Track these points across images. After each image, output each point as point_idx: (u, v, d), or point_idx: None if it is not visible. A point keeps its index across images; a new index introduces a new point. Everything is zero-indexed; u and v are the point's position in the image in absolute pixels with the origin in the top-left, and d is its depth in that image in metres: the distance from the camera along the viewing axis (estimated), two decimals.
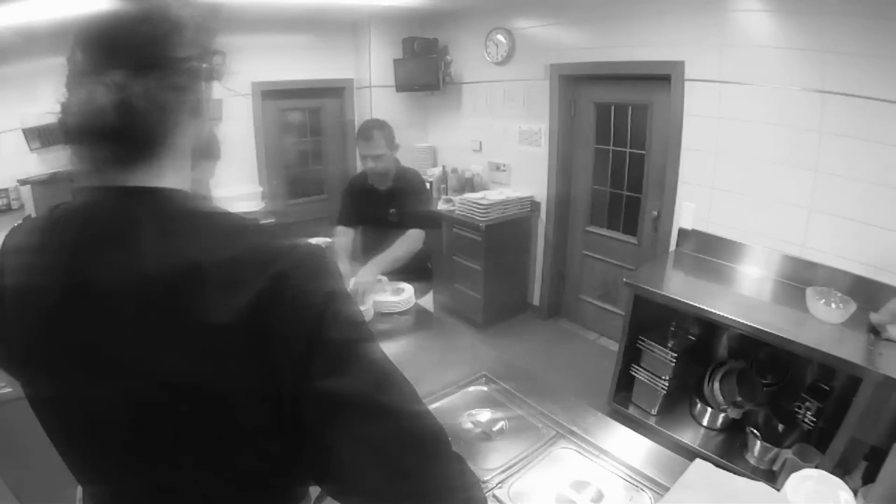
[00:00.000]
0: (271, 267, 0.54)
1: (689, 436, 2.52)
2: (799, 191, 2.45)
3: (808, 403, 2.28)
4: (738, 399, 2.42)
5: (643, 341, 2.65)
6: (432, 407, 1.49)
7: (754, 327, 2.11)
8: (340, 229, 2.49)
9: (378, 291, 2.14)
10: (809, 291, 2.20)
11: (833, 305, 2.13)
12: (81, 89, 0.56)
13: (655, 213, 3.21)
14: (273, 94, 4.26)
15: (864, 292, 2.21)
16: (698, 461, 1.19)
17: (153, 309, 0.54)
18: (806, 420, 2.27)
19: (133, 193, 0.59)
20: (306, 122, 4.66)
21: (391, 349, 1.99)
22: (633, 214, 3.47)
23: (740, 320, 2.15)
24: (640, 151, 3.32)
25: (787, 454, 2.14)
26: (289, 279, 0.55)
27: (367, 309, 2.00)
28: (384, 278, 2.19)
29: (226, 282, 0.53)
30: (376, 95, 4.52)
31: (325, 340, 0.54)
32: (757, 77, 2.51)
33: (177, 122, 0.61)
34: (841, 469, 2.00)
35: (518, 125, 3.95)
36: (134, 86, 0.55)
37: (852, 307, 2.10)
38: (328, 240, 2.40)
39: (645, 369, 2.66)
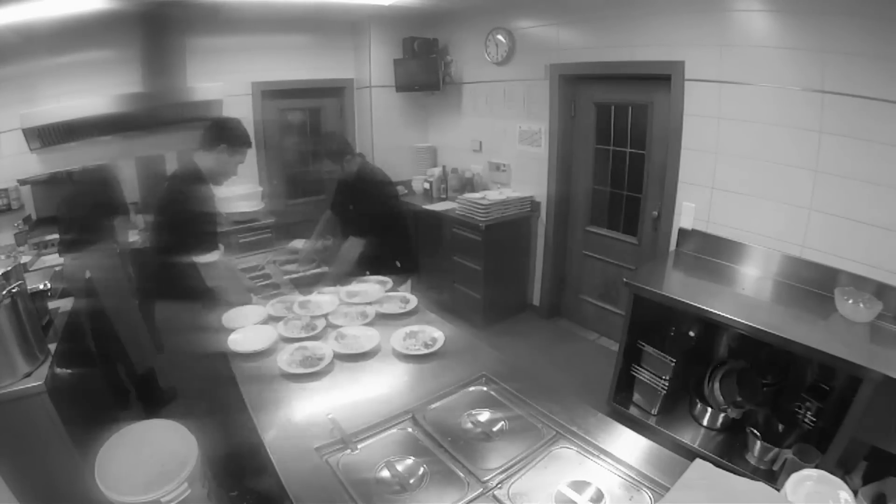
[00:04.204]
0: None
1: (689, 436, 2.52)
2: (799, 191, 2.44)
3: (808, 403, 2.28)
4: (739, 399, 2.42)
5: (643, 341, 2.65)
6: (433, 406, 1.50)
7: (754, 327, 2.11)
8: (327, 213, 2.90)
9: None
10: (837, 292, 2.22)
11: (861, 305, 2.15)
12: None
13: (655, 213, 3.21)
14: (273, 94, 4.26)
15: (865, 292, 2.21)
16: (698, 461, 1.19)
17: None
18: (806, 420, 2.27)
19: None
20: (306, 122, 4.66)
21: (392, 348, 1.97)
22: (633, 214, 3.47)
23: (740, 320, 2.15)
24: (640, 151, 3.32)
25: (787, 454, 2.14)
26: None
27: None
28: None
29: None
30: (376, 95, 4.51)
31: None
32: (757, 77, 2.51)
33: None
34: (841, 469, 2.00)
35: (518, 125, 3.95)
36: None
37: (878, 307, 2.12)
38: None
39: (645, 369, 2.66)
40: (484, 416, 1.46)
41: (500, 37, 3.88)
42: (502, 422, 1.43)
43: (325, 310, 2.07)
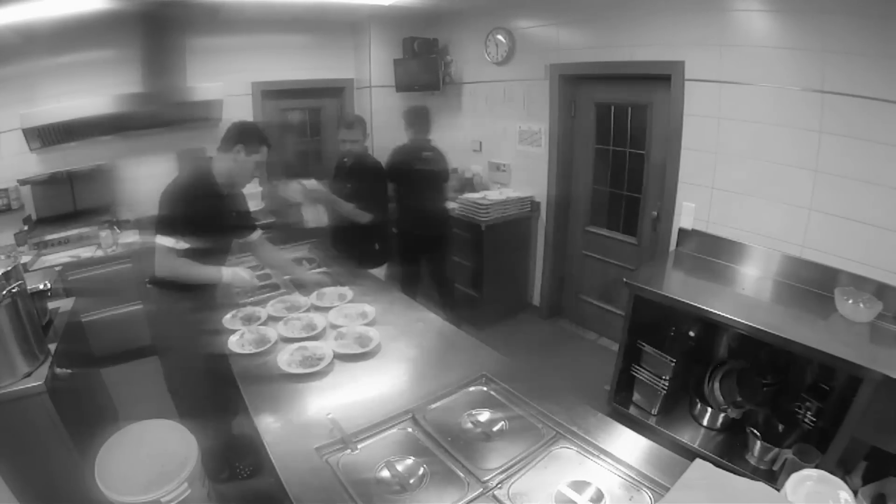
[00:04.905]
0: None
1: (689, 436, 2.52)
2: (799, 191, 2.44)
3: (808, 403, 2.28)
4: (739, 399, 2.42)
5: (643, 341, 2.65)
6: (433, 406, 1.50)
7: (754, 327, 2.11)
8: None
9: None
10: (837, 292, 2.22)
11: (861, 305, 2.15)
12: None
13: (655, 213, 3.21)
14: (273, 94, 4.26)
15: (865, 292, 2.21)
16: (698, 461, 1.19)
17: None
18: (806, 420, 2.27)
19: None
20: (306, 121, 4.66)
21: (392, 348, 1.98)
22: (632, 214, 3.47)
23: (740, 320, 2.15)
24: (640, 151, 3.31)
25: (787, 454, 2.14)
26: None
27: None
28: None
29: None
30: (376, 95, 4.51)
31: None
32: (757, 77, 2.51)
33: None
34: (841, 469, 2.00)
35: (518, 125, 3.95)
36: None
37: (878, 307, 2.12)
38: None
39: (645, 369, 2.66)
40: (484, 416, 1.46)
41: (500, 37, 3.88)
42: (502, 422, 1.44)
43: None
